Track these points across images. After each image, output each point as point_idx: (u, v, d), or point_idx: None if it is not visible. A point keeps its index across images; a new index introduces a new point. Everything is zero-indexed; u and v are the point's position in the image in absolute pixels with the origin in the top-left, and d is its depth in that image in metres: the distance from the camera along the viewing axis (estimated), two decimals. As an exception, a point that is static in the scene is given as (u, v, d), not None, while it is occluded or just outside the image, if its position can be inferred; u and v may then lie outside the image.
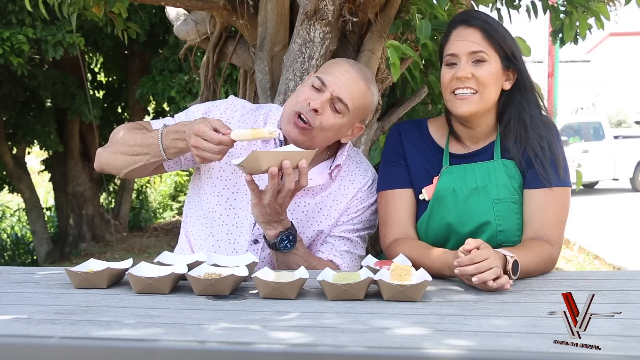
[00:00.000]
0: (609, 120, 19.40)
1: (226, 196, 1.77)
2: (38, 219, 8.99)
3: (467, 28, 1.66)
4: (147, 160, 1.71)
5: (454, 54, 1.66)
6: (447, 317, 1.17)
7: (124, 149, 1.74)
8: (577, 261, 7.06)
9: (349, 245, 1.81)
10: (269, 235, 1.65)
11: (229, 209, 1.77)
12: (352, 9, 2.28)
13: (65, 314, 1.18)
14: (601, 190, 14.29)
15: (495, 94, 1.68)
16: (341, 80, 1.68)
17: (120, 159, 1.75)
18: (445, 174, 1.72)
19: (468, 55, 1.64)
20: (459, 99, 1.65)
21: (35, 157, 12.60)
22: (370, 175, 1.85)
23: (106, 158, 1.80)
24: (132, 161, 1.73)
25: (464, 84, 1.64)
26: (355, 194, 1.80)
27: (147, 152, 1.70)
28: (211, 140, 1.55)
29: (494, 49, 1.65)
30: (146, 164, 1.72)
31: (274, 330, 1.07)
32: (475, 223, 1.69)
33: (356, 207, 1.81)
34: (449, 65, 1.68)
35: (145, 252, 8.53)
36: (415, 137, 1.80)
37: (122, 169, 1.77)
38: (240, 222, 1.76)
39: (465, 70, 1.63)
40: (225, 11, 2.59)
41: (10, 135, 8.72)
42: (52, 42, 6.33)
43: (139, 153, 1.71)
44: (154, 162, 1.72)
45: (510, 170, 1.70)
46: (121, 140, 1.75)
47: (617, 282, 1.53)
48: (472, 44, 1.64)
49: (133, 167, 1.74)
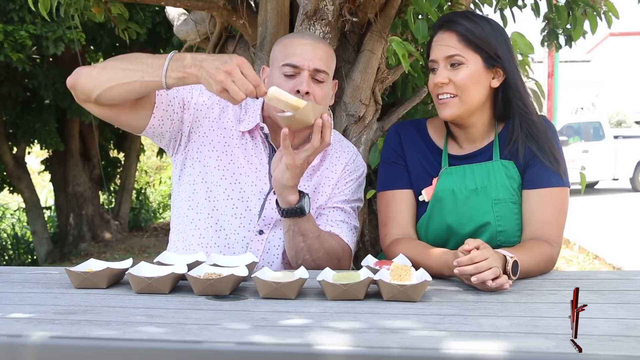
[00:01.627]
0: (609, 120, 19.40)
1: (224, 186, 1.76)
2: (38, 219, 8.99)
3: (444, 32, 1.68)
4: (140, 77, 1.54)
5: (433, 60, 1.70)
6: (447, 317, 1.17)
7: (120, 62, 1.59)
8: (577, 261, 7.06)
9: (343, 215, 1.83)
10: (291, 201, 1.62)
11: (227, 200, 1.76)
12: (352, 9, 2.28)
13: (65, 314, 1.18)
14: (601, 190, 14.29)
15: (478, 94, 1.67)
16: (306, 54, 1.70)
17: (109, 72, 1.58)
18: (444, 175, 1.72)
19: (445, 60, 1.66)
20: (441, 104, 1.69)
21: (35, 157, 12.60)
22: (353, 150, 1.92)
23: (88, 71, 1.61)
24: (122, 75, 1.55)
25: (442, 90, 1.67)
26: (344, 168, 1.85)
27: (143, 70, 1.54)
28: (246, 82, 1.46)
29: (472, 50, 1.65)
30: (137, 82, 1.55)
31: (273, 330, 1.07)
32: (475, 224, 1.69)
33: (345, 180, 1.85)
34: (431, 70, 1.71)
35: (145, 252, 8.53)
36: (414, 137, 1.81)
37: (103, 83, 1.57)
38: (239, 212, 1.76)
39: (441, 76, 1.66)
40: (225, 11, 2.59)
41: (11, 135, 8.72)
42: (52, 38, 6.34)
43: (135, 68, 1.55)
44: (147, 84, 1.55)
45: (510, 171, 1.70)
46: (122, 57, 1.62)
47: (617, 282, 1.53)
48: (447, 48, 1.65)
49: (120, 81, 1.55)
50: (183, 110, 1.75)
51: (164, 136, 1.76)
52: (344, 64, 2.44)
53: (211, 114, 1.79)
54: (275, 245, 1.78)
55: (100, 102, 1.62)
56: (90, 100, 1.62)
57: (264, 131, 1.78)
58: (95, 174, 9.40)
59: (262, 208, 1.77)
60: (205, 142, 1.78)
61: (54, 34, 6.32)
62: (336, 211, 1.83)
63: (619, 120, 25.21)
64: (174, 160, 1.84)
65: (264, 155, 1.79)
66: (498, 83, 1.69)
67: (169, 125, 1.74)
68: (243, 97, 1.46)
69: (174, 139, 1.78)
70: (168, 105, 1.72)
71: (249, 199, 1.76)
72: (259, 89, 1.48)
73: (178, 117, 1.75)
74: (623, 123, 24.77)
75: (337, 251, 1.75)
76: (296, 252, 1.70)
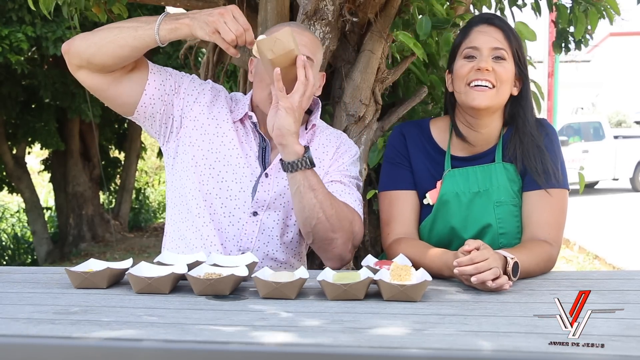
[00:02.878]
0: (609, 120, 19.40)
1: (218, 169, 1.76)
2: (38, 219, 8.99)
3: (489, 26, 1.68)
4: (133, 35, 1.57)
5: (475, 47, 1.67)
6: (447, 317, 1.17)
7: (111, 27, 1.62)
8: (577, 261, 7.06)
9: (343, 187, 1.78)
10: (298, 150, 1.59)
11: (221, 182, 1.76)
12: (352, 9, 2.28)
13: (65, 314, 1.18)
14: (601, 190, 14.29)
15: (508, 93, 1.70)
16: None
17: (101, 34, 1.60)
18: (448, 178, 1.72)
19: (490, 50, 1.66)
20: (476, 91, 1.65)
21: (35, 157, 12.60)
22: (341, 134, 1.92)
23: (83, 36, 1.63)
24: (113, 35, 1.57)
25: (483, 76, 1.64)
26: (336, 150, 1.83)
27: (136, 26, 1.57)
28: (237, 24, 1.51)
29: (511, 52, 1.67)
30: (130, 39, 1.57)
31: (273, 330, 1.07)
32: (477, 226, 1.69)
33: (339, 160, 1.82)
34: (467, 57, 1.68)
35: (145, 252, 8.53)
36: (418, 138, 1.80)
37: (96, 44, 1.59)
38: (234, 194, 1.76)
39: (487, 63, 1.64)
40: (226, 11, 2.59)
41: (10, 135, 8.72)
42: (52, 38, 6.34)
43: (128, 26, 1.59)
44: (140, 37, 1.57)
45: (511, 174, 1.70)
46: (113, 24, 1.65)
47: (617, 282, 1.53)
48: (494, 40, 1.66)
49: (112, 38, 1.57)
50: (174, 93, 1.75)
51: (155, 118, 1.75)
52: (344, 64, 2.44)
53: (202, 99, 1.79)
54: (270, 227, 1.78)
55: (93, 64, 1.62)
56: (83, 64, 1.63)
57: (252, 120, 1.78)
58: (95, 174, 9.40)
59: (255, 190, 1.76)
60: (196, 126, 1.77)
61: (53, 35, 6.32)
62: (335, 184, 1.78)
63: (619, 120, 25.21)
64: (166, 150, 1.83)
65: (254, 143, 1.79)
66: (517, 92, 1.72)
67: (159, 106, 1.74)
68: (233, 37, 1.50)
69: (164, 125, 1.77)
70: (160, 84, 1.73)
71: (241, 181, 1.76)
72: (248, 33, 1.52)
73: (169, 98, 1.74)
74: (623, 123, 24.77)
75: (347, 215, 1.69)
76: (309, 211, 1.62)
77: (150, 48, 1.62)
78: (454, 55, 1.74)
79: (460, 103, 1.71)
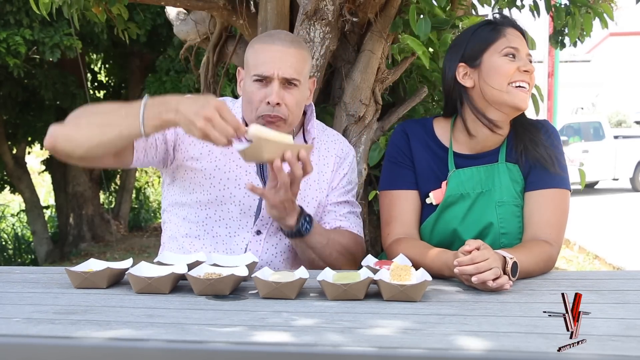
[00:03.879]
0: (609, 120, 19.40)
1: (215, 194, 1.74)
2: (38, 219, 8.99)
3: (517, 32, 1.71)
4: (119, 132, 1.53)
5: (516, 48, 1.67)
6: (447, 317, 1.17)
7: (92, 119, 1.57)
8: (577, 261, 7.06)
9: (348, 207, 1.87)
10: (289, 225, 1.65)
11: (221, 205, 1.75)
12: (352, 9, 2.28)
13: (65, 314, 1.18)
14: (601, 190, 14.29)
15: None
16: (276, 62, 1.65)
17: (84, 131, 1.56)
18: (453, 179, 1.72)
19: (526, 55, 1.68)
20: (522, 92, 1.65)
21: (35, 157, 12.60)
22: (337, 136, 1.93)
23: (65, 131, 1.58)
24: (99, 132, 1.53)
25: (525, 78, 1.65)
26: (335, 160, 1.86)
27: (119, 123, 1.53)
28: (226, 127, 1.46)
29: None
30: (116, 137, 1.54)
31: (273, 330, 1.07)
32: (479, 226, 1.69)
33: (340, 171, 1.86)
34: (508, 56, 1.66)
35: (145, 252, 8.52)
36: (421, 137, 1.79)
37: (83, 144, 1.56)
38: (236, 215, 1.75)
39: (530, 66, 1.66)
40: (225, 11, 2.59)
41: (11, 135, 8.72)
42: (49, 44, 6.30)
43: (111, 123, 1.53)
44: (127, 136, 1.54)
45: (514, 174, 1.71)
46: (90, 111, 1.60)
47: (617, 282, 1.53)
48: (525, 46, 1.69)
49: (100, 139, 1.54)
50: (164, 131, 1.71)
51: (153, 162, 1.76)
52: (344, 64, 2.44)
53: None
54: (274, 245, 1.78)
55: (82, 160, 1.63)
56: (73, 159, 1.63)
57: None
58: (95, 174, 9.39)
59: (259, 209, 1.76)
60: (192, 153, 1.75)
61: (51, 40, 6.27)
62: (341, 205, 1.85)
63: (619, 120, 25.22)
64: (164, 173, 1.83)
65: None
66: None
67: (153, 152, 1.73)
68: (225, 142, 1.46)
69: (162, 160, 1.77)
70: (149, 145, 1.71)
71: (241, 202, 1.75)
72: (239, 131, 1.48)
73: (160, 140, 1.73)
74: (623, 123, 24.77)
75: (349, 247, 1.76)
76: (309, 262, 1.73)
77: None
78: (481, 50, 1.68)
79: (497, 100, 1.66)
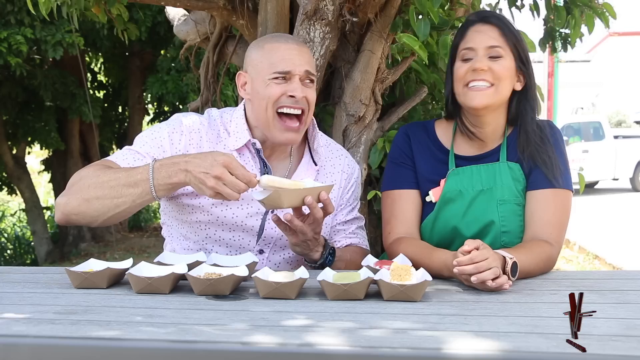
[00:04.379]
0: (609, 120, 19.41)
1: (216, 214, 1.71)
2: (38, 219, 8.99)
3: (484, 25, 1.69)
4: (132, 202, 1.53)
5: (471, 48, 1.67)
6: (447, 317, 1.17)
7: (100, 192, 1.54)
8: (577, 261, 7.06)
9: (357, 222, 1.90)
10: (314, 259, 1.68)
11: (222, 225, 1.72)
12: (352, 9, 2.28)
13: (65, 314, 1.18)
14: (601, 190, 14.29)
15: (508, 90, 1.70)
16: (295, 59, 1.67)
17: (96, 205, 1.55)
18: (452, 176, 1.72)
19: (486, 50, 1.66)
20: (474, 91, 1.66)
21: (35, 157, 12.60)
22: (342, 152, 1.93)
23: (75, 207, 1.57)
24: (113, 205, 1.54)
25: (479, 76, 1.65)
26: (342, 176, 1.86)
27: (130, 193, 1.53)
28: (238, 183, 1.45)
29: (510, 47, 1.67)
30: (130, 207, 1.55)
31: (273, 330, 1.07)
32: (480, 224, 1.69)
33: (347, 188, 1.87)
34: (464, 60, 1.68)
35: (145, 252, 8.53)
36: (422, 139, 1.81)
37: (99, 217, 1.57)
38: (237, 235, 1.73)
39: (482, 62, 1.65)
40: (225, 11, 2.59)
41: (10, 135, 8.72)
42: (51, 42, 6.31)
43: (122, 195, 1.53)
44: (140, 204, 1.55)
45: (515, 173, 1.71)
46: (95, 183, 1.56)
47: (617, 282, 1.53)
48: (490, 38, 1.66)
49: (115, 212, 1.55)
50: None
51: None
52: (344, 64, 2.44)
53: (191, 150, 1.70)
54: (276, 263, 1.78)
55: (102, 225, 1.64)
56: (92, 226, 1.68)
57: (256, 146, 1.72)
58: (95, 174, 9.38)
59: (262, 228, 1.74)
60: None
61: (52, 38, 6.28)
62: (349, 223, 1.87)
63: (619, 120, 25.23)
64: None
65: (255, 172, 1.72)
66: (520, 87, 1.72)
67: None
68: (237, 197, 1.46)
69: None
70: None
71: (243, 223, 1.72)
72: (251, 184, 1.47)
73: None
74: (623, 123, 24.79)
75: (357, 261, 1.73)
76: None
77: None
78: (453, 57, 1.74)
79: (461, 104, 1.72)
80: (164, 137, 1.70)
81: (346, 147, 2.40)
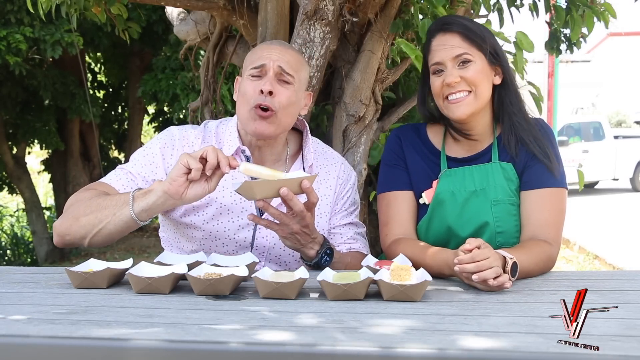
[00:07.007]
0: (609, 120, 19.41)
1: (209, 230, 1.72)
2: (38, 219, 8.99)
3: (445, 34, 1.68)
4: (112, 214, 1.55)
5: (438, 62, 1.68)
6: (447, 317, 1.17)
7: (88, 210, 1.58)
8: (577, 261, 7.06)
9: (354, 227, 1.88)
10: (309, 256, 1.65)
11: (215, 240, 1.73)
12: (352, 9, 2.28)
13: (65, 314, 1.18)
14: (601, 190, 14.29)
15: (488, 90, 1.70)
16: (273, 55, 1.68)
17: (82, 222, 1.58)
18: (444, 177, 1.73)
19: (453, 60, 1.66)
20: (453, 104, 1.67)
21: (35, 157, 12.60)
22: (337, 158, 1.91)
23: (67, 227, 1.61)
24: (97, 220, 1.56)
25: (455, 89, 1.66)
26: (337, 182, 1.85)
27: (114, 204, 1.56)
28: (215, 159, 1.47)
29: (476, 47, 1.67)
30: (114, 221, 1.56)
31: (273, 331, 1.07)
32: (474, 225, 1.69)
33: (343, 194, 1.86)
34: (436, 73, 1.70)
35: (145, 252, 8.53)
36: (414, 141, 1.82)
37: (86, 234, 1.59)
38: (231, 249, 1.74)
39: (453, 75, 1.65)
40: (225, 11, 2.59)
41: (10, 135, 8.72)
42: (50, 41, 6.31)
43: (107, 207, 1.56)
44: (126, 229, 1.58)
45: (508, 173, 1.71)
46: (83, 204, 1.61)
47: (617, 282, 1.53)
48: (453, 48, 1.66)
49: (99, 226, 1.56)
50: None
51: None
52: (344, 64, 2.44)
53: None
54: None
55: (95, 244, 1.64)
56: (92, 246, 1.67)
57: (245, 154, 1.73)
58: (95, 174, 9.40)
59: (254, 238, 1.74)
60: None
61: (51, 37, 6.28)
62: (347, 227, 1.86)
63: (619, 120, 25.23)
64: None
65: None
66: (499, 80, 1.72)
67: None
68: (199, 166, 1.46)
69: None
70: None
71: (236, 235, 1.73)
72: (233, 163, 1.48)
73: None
74: (623, 123, 24.78)
75: (357, 266, 1.72)
76: None
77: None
78: (426, 70, 1.75)
79: (445, 116, 1.73)
80: (156, 154, 1.73)
81: (346, 147, 2.40)
